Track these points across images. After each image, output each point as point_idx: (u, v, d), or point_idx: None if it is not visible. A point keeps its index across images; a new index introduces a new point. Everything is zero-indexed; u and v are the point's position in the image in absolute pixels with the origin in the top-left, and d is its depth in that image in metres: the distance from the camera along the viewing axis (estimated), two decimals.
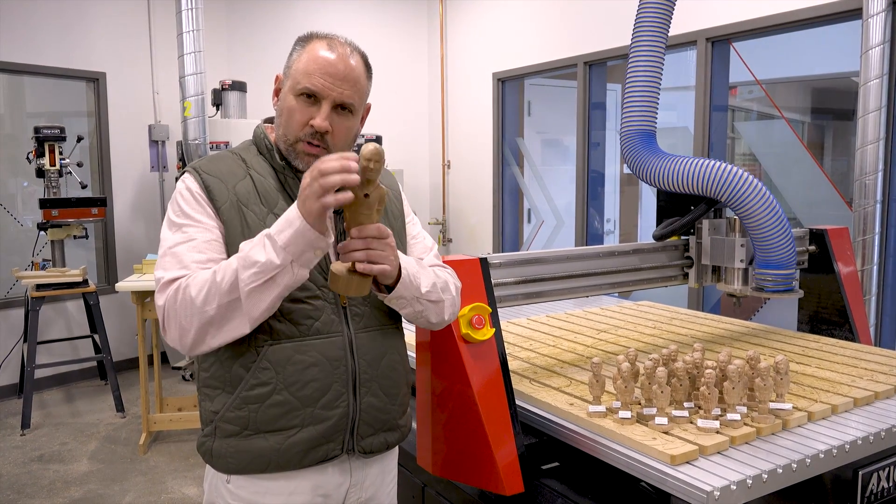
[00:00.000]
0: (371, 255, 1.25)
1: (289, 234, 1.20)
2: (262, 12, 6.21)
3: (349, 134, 1.43)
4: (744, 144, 4.92)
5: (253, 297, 1.24)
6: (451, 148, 6.92)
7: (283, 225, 1.22)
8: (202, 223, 1.37)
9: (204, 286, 1.26)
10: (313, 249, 1.23)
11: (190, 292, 1.27)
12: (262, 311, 1.27)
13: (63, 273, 4.68)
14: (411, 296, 1.39)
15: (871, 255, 3.43)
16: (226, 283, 1.24)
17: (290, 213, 1.23)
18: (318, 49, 1.39)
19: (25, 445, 4.23)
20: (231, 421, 1.39)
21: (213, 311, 1.25)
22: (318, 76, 1.37)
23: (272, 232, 1.23)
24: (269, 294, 1.24)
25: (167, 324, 1.31)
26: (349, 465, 1.47)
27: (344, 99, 1.38)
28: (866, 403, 1.75)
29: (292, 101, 1.39)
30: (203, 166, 1.43)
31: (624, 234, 6.22)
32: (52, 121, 5.13)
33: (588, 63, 5.26)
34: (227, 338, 1.30)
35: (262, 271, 1.22)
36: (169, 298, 1.29)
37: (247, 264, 1.23)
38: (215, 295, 1.25)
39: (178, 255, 1.33)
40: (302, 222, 1.20)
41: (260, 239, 1.25)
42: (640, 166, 2.27)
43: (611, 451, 1.51)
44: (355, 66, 1.40)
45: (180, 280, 1.30)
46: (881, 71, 3.32)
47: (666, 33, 2.28)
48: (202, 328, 1.27)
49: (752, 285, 2.21)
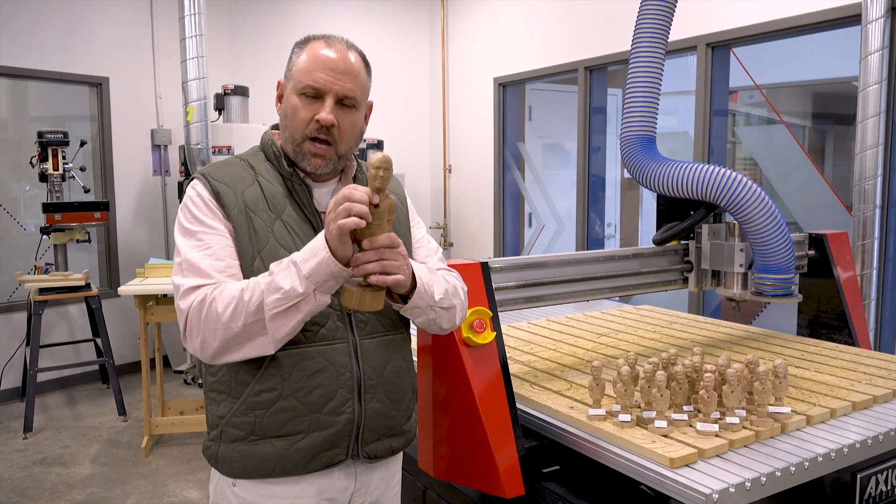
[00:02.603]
0: (385, 266, 1.24)
1: (313, 263, 1.22)
2: (265, 17, 6.24)
3: (354, 129, 1.45)
4: (744, 149, 4.93)
5: (276, 321, 1.26)
6: (452, 152, 6.94)
7: (309, 254, 1.24)
8: (215, 228, 1.39)
9: (231, 303, 1.27)
10: (336, 279, 1.24)
11: (216, 307, 1.28)
12: (285, 334, 1.29)
13: (66, 277, 4.69)
14: (426, 304, 1.39)
15: (870, 260, 3.44)
16: (253, 303, 1.26)
17: (316, 241, 1.24)
18: (317, 48, 1.41)
19: (28, 449, 4.23)
20: (237, 426, 1.40)
21: (238, 328, 1.28)
22: (318, 72, 1.38)
23: (298, 260, 1.24)
24: (293, 319, 1.27)
25: (189, 333, 1.32)
26: (354, 469, 1.48)
27: (346, 92, 1.40)
28: (865, 407, 1.76)
29: (295, 100, 1.41)
30: (211, 172, 1.45)
31: (625, 238, 6.22)
32: (55, 125, 5.16)
33: (589, 68, 5.28)
34: (249, 354, 1.31)
35: (286, 298, 1.24)
36: (194, 309, 1.31)
37: (272, 289, 1.25)
38: (242, 313, 1.27)
39: (196, 263, 1.35)
40: (327, 253, 1.21)
41: (287, 265, 1.26)
42: (640, 171, 2.29)
43: (610, 454, 1.52)
44: (355, 62, 1.43)
45: (206, 290, 1.31)
46: (880, 76, 3.33)
47: (666, 39, 2.29)
48: (225, 342, 1.29)
49: (751, 290, 2.22)
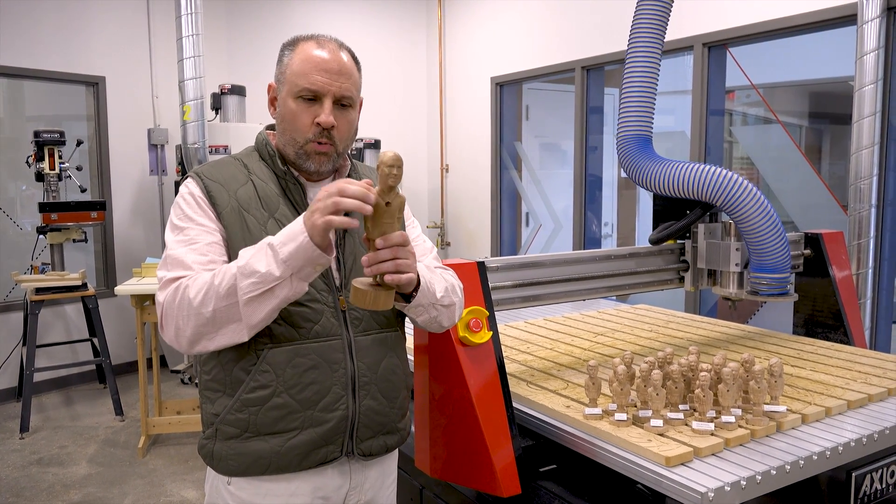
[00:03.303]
0: (399, 265, 1.22)
1: (291, 247, 1.20)
2: (262, 17, 6.23)
3: (351, 127, 1.46)
4: (741, 149, 4.94)
5: (251, 306, 1.24)
6: (449, 152, 6.94)
7: (287, 238, 1.21)
8: (204, 226, 1.39)
9: (203, 288, 1.27)
10: (314, 265, 1.22)
11: (189, 293, 1.28)
12: (260, 320, 1.27)
13: (62, 277, 4.69)
14: (428, 303, 1.38)
15: (865, 259, 3.46)
16: (224, 286, 1.24)
17: (294, 225, 1.22)
18: (308, 49, 1.41)
19: (24, 449, 4.23)
20: (231, 423, 1.40)
21: (209, 313, 1.26)
22: (314, 74, 1.38)
23: (275, 243, 1.22)
24: (268, 304, 1.25)
25: (164, 321, 1.32)
26: (349, 467, 1.48)
27: (343, 92, 1.41)
28: (860, 406, 1.76)
29: (293, 104, 1.41)
30: (205, 171, 1.45)
31: (622, 237, 6.23)
32: (52, 124, 5.15)
33: (586, 67, 5.28)
34: (224, 342, 1.30)
35: (262, 282, 1.22)
36: (168, 296, 1.31)
37: (246, 272, 1.23)
38: (212, 297, 1.25)
39: (179, 256, 1.35)
40: (305, 237, 1.19)
41: (262, 247, 1.24)
42: (636, 171, 2.29)
43: (607, 452, 1.53)
44: (347, 61, 1.43)
45: (181, 280, 1.31)
46: (876, 76, 3.34)
47: (662, 38, 2.30)
48: (198, 329, 1.28)
49: (747, 289, 2.22)
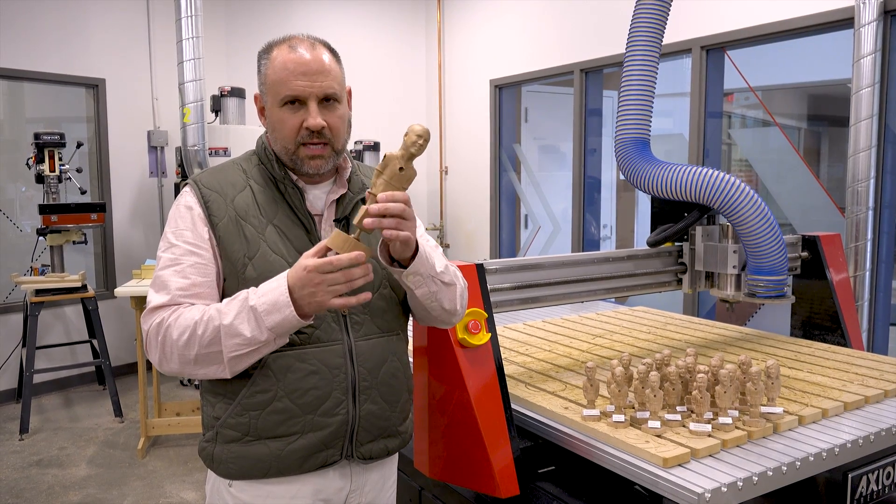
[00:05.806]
0: (399, 223, 1.24)
1: (276, 319, 1.25)
2: (261, 19, 6.24)
3: (343, 123, 1.45)
4: (739, 151, 4.95)
5: (235, 361, 1.32)
6: (448, 154, 6.95)
7: (271, 307, 1.25)
8: (192, 244, 1.40)
9: (185, 332, 1.31)
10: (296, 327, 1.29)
11: (172, 333, 1.33)
12: (243, 368, 1.35)
13: (62, 278, 4.69)
14: (427, 273, 1.37)
15: (863, 262, 3.47)
16: (206, 338, 1.30)
17: (280, 296, 1.25)
18: (283, 55, 1.41)
19: (24, 450, 4.23)
20: (232, 427, 1.41)
21: (192, 356, 1.32)
22: (294, 81, 1.38)
23: (260, 310, 1.26)
24: (252, 359, 1.33)
25: (149, 349, 1.38)
26: (349, 470, 1.49)
27: (326, 91, 1.40)
28: (856, 407, 1.77)
29: (279, 112, 1.42)
30: (203, 179, 1.46)
31: (620, 239, 6.24)
32: (52, 126, 5.15)
33: (584, 70, 5.30)
34: (207, 376, 1.36)
35: (247, 344, 1.28)
36: (152, 331, 1.36)
37: (231, 334, 1.28)
38: (195, 344, 1.31)
39: (164, 279, 1.39)
40: (292, 312, 1.24)
41: (246, 310, 1.28)
42: (634, 174, 2.30)
43: (604, 454, 1.54)
44: (323, 57, 1.42)
45: (163, 315, 1.35)
46: (873, 79, 3.35)
47: (660, 41, 2.31)
48: (181, 365, 1.35)
49: (744, 291, 2.23)
